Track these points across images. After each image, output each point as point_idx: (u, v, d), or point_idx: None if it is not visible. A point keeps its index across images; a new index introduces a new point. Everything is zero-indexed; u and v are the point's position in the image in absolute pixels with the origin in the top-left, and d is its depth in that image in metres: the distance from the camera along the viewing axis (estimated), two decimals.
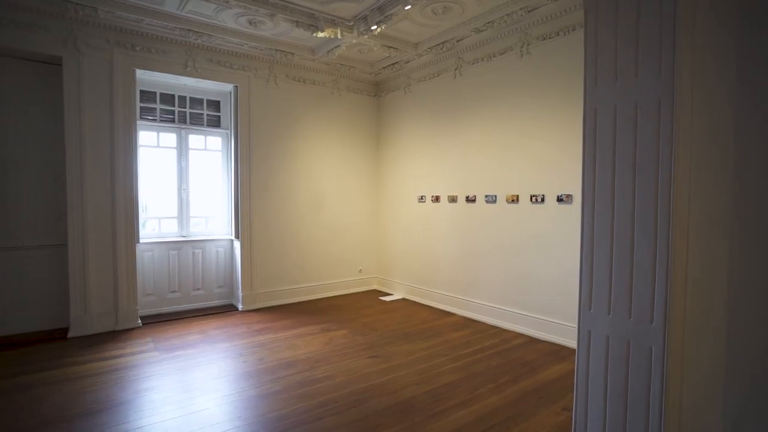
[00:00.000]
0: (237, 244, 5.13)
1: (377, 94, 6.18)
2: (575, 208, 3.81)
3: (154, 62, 4.42)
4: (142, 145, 4.72)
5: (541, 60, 4.05)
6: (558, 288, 3.95)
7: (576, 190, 3.80)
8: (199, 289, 5.09)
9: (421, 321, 4.69)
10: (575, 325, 3.64)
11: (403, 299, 5.68)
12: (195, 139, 5.10)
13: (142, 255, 4.68)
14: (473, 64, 4.72)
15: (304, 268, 5.59)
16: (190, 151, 5.07)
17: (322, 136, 5.68)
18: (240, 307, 5.07)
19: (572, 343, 3.81)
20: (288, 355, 3.63)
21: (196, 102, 5.06)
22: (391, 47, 4.81)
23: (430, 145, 5.32)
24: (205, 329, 4.32)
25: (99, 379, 3.12)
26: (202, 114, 5.12)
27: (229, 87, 5.03)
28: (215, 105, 5.20)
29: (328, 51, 4.94)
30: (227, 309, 5.07)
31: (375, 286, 6.31)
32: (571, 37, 3.79)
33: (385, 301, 5.61)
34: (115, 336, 4.08)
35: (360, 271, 6.14)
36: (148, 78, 4.63)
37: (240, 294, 5.08)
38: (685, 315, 1.46)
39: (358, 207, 6.09)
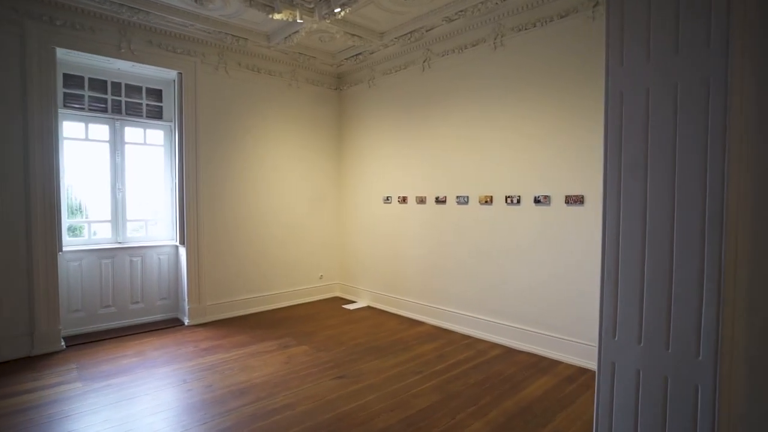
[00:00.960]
0: (182, 251, 4.56)
1: (339, 87, 5.77)
2: (553, 210, 3.60)
3: (79, 41, 3.78)
4: (66, 138, 4.05)
5: (517, 52, 3.82)
6: (536, 295, 3.73)
7: (553, 190, 3.59)
8: (137, 302, 4.46)
9: (389, 332, 4.34)
10: (554, 334, 3.42)
11: (368, 307, 5.31)
12: (132, 132, 4.47)
13: (67, 265, 4.01)
14: (443, 56, 4.43)
15: (260, 276, 5.08)
16: (127, 146, 4.43)
17: (279, 132, 5.20)
18: (186, 321, 4.50)
19: (552, 354, 3.60)
20: (241, 380, 3.16)
21: (133, 90, 4.43)
22: (355, 35, 4.43)
23: (397, 142, 4.99)
24: (143, 350, 3.74)
25: (1, 424, 2.52)
26: (141, 104, 4.50)
27: (172, 74, 4.45)
28: (156, 94, 4.59)
29: (286, 38, 4.48)
30: (171, 324, 4.48)
31: (337, 293, 5.90)
32: (549, 29, 3.58)
33: (349, 309, 5.21)
34: (30, 364, 3.43)
35: (321, 277, 5.71)
36: (75, 60, 3.98)
37: (186, 307, 4.51)
38: (739, 346, 1.20)
39: (318, 208, 5.65)
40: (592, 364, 3.36)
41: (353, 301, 5.56)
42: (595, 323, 3.34)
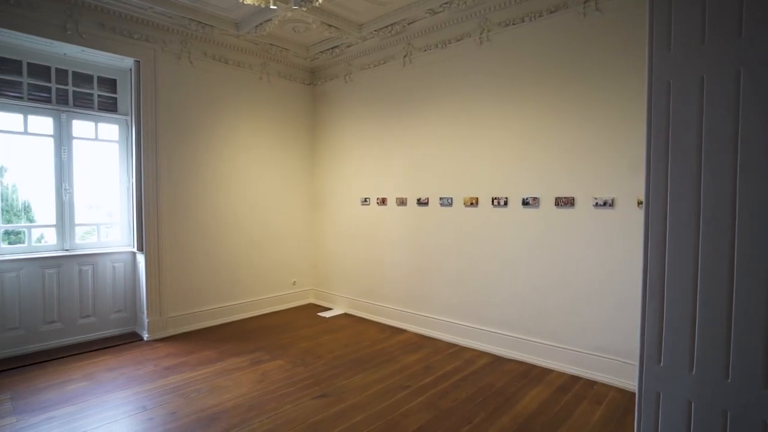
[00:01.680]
0: (141, 258, 4.13)
1: (313, 82, 5.46)
2: (542, 212, 3.47)
3: (14, 18, 3.31)
4: (0, 131, 3.56)
5: (504, 48, 3.66)
6: (525, 301, 3.58)
7: (543, 192, 3.46)
8: (88, 316, 4.00)
9: (369, 341, 4.09)
10: (544, 341, 3.26)
11: (345, 314, 5.04)
12: (82, 126, 4.01)
13: (1, 277, 3.52)
14: (425, 51, 4.23)
15: (228, 284, 4.71)
16: (75, 141, 3.97)
17: (249, 128, 4.84)
18: (146, 336, 4.07)
19: (541, 361, 3.47)
20: (210, 404, 2.82)
21: (82, 79, 3.97)
22: (332, 26, 4.15)
23: (375, 141, 4.75)
24: (94, 372, 3.32)
25: None
26: (92, 94, 4.04)
27: (128, 62, 4.02)
28: (110, 84, 4.14)
29: (257, 26, 4.15)
30: (128, 340, 4.05)
31: (311, 300, 5.59)
32: (538, 25, 3.44)
33: (324, 317, 4.92)
34: None
35: (294, 283, 5.38)
36: (10, 41, 3.49)
37: (145, 320, 4.08)
38: None
39: (291, 210, 5.32)
40: (583, 372, 3.25)
41: (329, 308, 5.27)
42: (587, 329, 3.26)
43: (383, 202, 4.69)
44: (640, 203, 2.98)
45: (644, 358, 1.22)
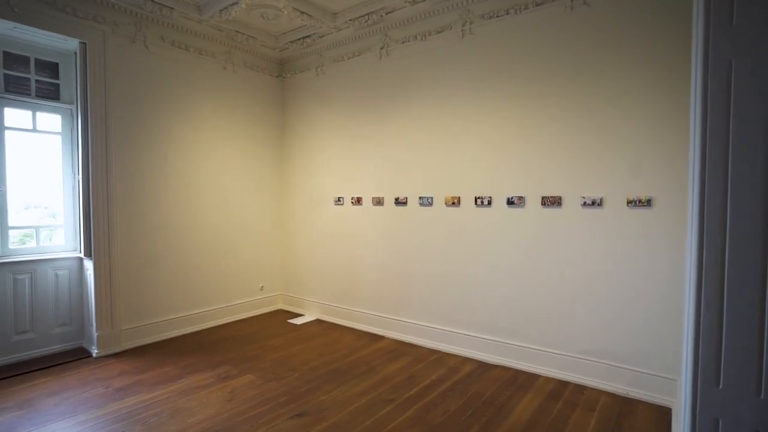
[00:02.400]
0: (89, 265, 3.68)
1: (281, 74, 5.14)
2: (528, 212, 3.35)
3: None
4: None
5: (487, 42, 3.52)
6: (510, 304, 3.46)
7: (528, 191, 3.34)
8: (25, 331, 3.51)
9: (346, 350, 3.85)
10: (530, 346, 3.13)
11: (317, 321, 4.76)
12: (16, 115, 3.52)
13: None
14: (403, 43, 4.03)
15: (190, 291, 4.31)
16: (8, 132, 3.47)
17: (212, 122, 4.46)
18: (95, 352, 3.63)
19: (527, 366, 3.35)
20: (174, 430, 2.49)
21: (16, 60, 3.48)
22: (304, 13, 3.87)
23: (349, 137, 4.50)
24: (32, 398, 2.88)
25: None
26: (29, 79, 3.55)
27: (72, 44, 3.56)
28: (51, 68, 3.66)
29: (221, 10, 3.81)
30: (75, 357, 3.59)
31: (280, 306, 5.26)
32: (524, 18, 3.32)
33: (295, 324, 4.62)
34: None
35: (262, 288, 5.04)
36: None
37: (95, 333, 3.64)
38: None
39: (258, 211, 4.98)
40: (571, 376, 3.15)
41: (300, 314, 4.97)
42: (575, 333, 3.16)
43: (358, 201, 4.45)
44: (630, 202, 2.91)
45: (698, 380, 1.06)
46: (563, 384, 3.12)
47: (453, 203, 3.76)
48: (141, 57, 3.86)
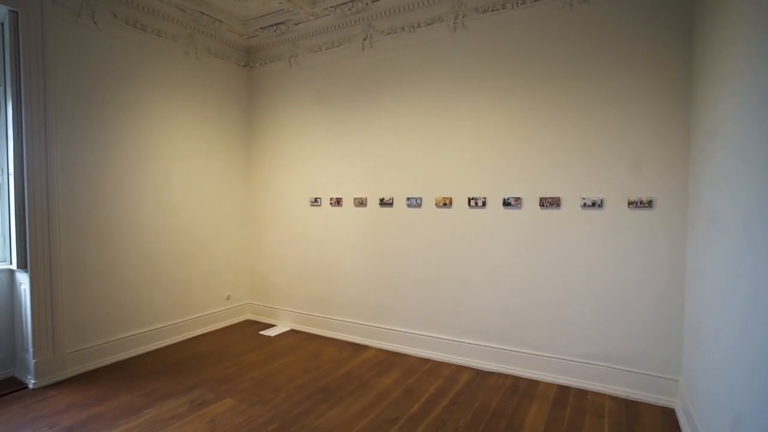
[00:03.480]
0: (24, 278, 3.09)
1: (249, 63, 4.71)
2: (525, 214, 3.25)
3: None
4: None
5: (482, 36, 3.39)
6: (505, 308, 3.34)
7: (526, 191, 3.24)
8: None
9: (331, 363, 3.55)
10: (527, 351, 3.02)
11: (292, 331, 4.41)
12: None
13: None
14: (389, 34, 3.80)
15: (148, 304, 3.80)
16: None
17: (172, 113, 3.96)
18: (32, 382, 3.06)
19: (524, 372, 3.25)
20: None
21: None
22: None
23: (328, 134, 4.20)
24: None
25: None
26: None
27: (1, 12, 2.97)
28: None
29: None
30: (6, 390, 3.00)
31: (249, 316, 4.83)
32: (521, 12, 3.21)
33: (269, 336, 4.24)
34: None
35: (228, 298, 4.59)
36: None
37: (31, 360, 3.07)
38: None
39: (224, 213, 4.53)
40: (571, 381, 3.09)
41: (271, 325, 4.58)
42: (573, 337, 3.07)
43: (338, 202, 4.16)
44: (631, 204, 2.89)
45: None
46: (565, 389, 3.04)
47: (444, 204, 3.59)
48: (89, 35, 3.32)
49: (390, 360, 3.62)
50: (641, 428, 2.54)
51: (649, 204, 2.84)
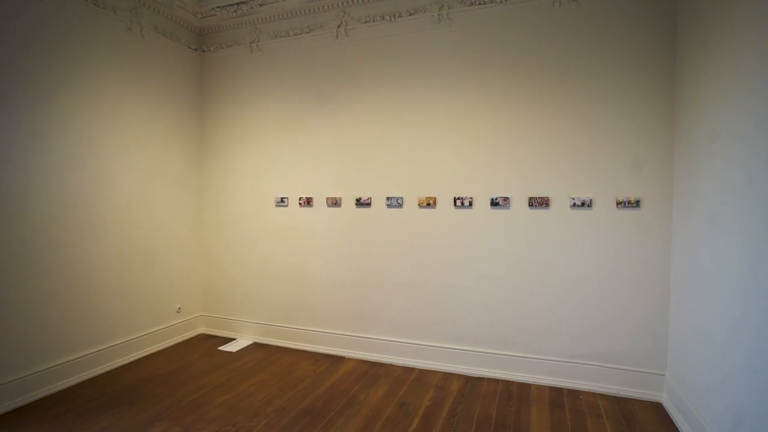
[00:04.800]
0: None
1: (202, 47, 4.20)
2: (513, 214, 3.19)
3: None
4: None
5: (468, 30, 3.26)
6: (492, 312, 3.26)
7: (514, 191, 3.18)
8: None
9: (309, 379, 3.24)
10: (516, 353, 3.03)
11: (255, 345, 4.00)
12: None
13: None
14: (366, 22, 3.56)
15: (85, 322, 3.21)
16: None
17: (111, 97, 3.39)
18: None
19: (515, 376, 3.19)
20: None
21: None
22: None
23: (296, 128, 3.85)
24: None
25: None
26: None
27: None
28: None
29: None
30: None
31: (201, 330, 4.32)
32: (508, 8, 3.14)
33: (230, 352, 3.80)
34: None
35: (179, 310, 4.06)
36: None
37: None
38: None
39: (174, 214, 3.99)
40: (561, 382, 3.07)
41: (230, 339, 4.13)
42: (563, 337, 3.07)
43: (308, 202, 3.83)
44: (619, 203, 2.93)
45: None
46: (557, 391, 3.02)
47: (428, 204, 3.43)
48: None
49: (373, 371, 3.39)
50: (640, 425, 2.56)
51: (637, 204, 2.89)
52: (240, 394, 2.98)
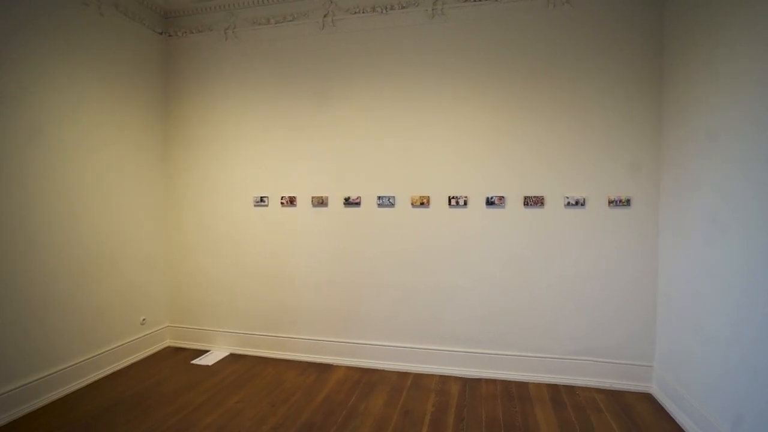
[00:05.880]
0: None
1: (168, 31, 3.81)
2: (508, 213, 3.18)
3: None
4: None
5: (462, 26, 3.21)
6: (488, 312, 3.23)
7: (509, 190, 3.17)
8: None
9: (300, 391, 3.03)
10: (512, 353, 3.17)
11: (233, 356, 3.70)
12: None
13: None
14: (355, 13, 3.40)
15: (33, 342, 2.77)
16: None
17: (67, 83, 2.96)
18: None
19: (511, 375, 3.19)
20: None
21: None
22: None
23: (278, 123, 3.60)
24: None
25: None
26: None
27: None
28: None
29: None
30: None
31: (168, 342, 3.93)
32: (505, 6, 3.12)
33: (206, 365, 3.48)
34: None
35: (143, 322, 3.66)
36: None
37: None
38: None
39: (136, 216, 3.58)
40: (557, 378, 3.11)
41: (203, 351, 3.78)
42: (559, 335, 3.11)
43: (291, 202, 3.60)
44: (611, 202, 3.01)
45: None
46: (553, 388, 3.05)
47: (421, 204, 3.34)
48: None
49: (366, 378, 3.24)
50: (640, 417, 2.64)
51: (627, 203, 2.99)
52: (227, 413, 2.71)
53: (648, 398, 2.89)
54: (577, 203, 3.06)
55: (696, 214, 2.48)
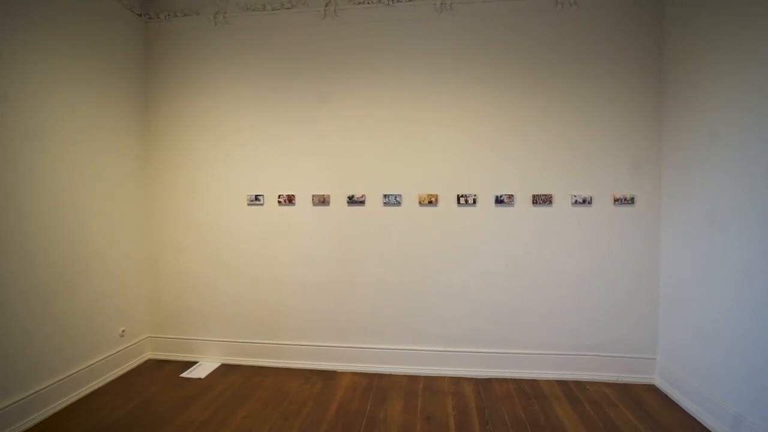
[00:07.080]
0: None
1: (149, 12, 3.47)
2: (517, 212, 3.18)
3: None
4: None
5: (470, 22, 3.17)
6: (499, 310, 3.22)
7: (518, 188, 3.17)
8: None
9: (311, 402, 2.85)
10: (521, 351, 3.26)
11: (225, 367, 3.43)
12: None
13: None
14: (358, 3, 3.26)
15: (5, 361, 2.40)
16: None
17: (38, 69, 2.59)
18: None
19: (521, 373, 3.19)
20: None
21: None
22: None
23: (275, 118, 3.39)
24: None
25: None
26: None
27: None
28: None
29: None
30: None
31: (149, 355, 3.58)
32: (513, 4, 3.11)
33: (197, 379, 3.20)
34: None
35: (122, 333, 3.30)
36: None
37: None
38: None
39: (113, 218, 3.22)
40: (566, 374, 3.15)
41: (191, 363, 3.48)
42: (567, 331, 3.19)
43: (289, 200, 3.40)
44: (616, 200, 3.09)
45: None
46: (564, 384, 3.08)
47: (429, 202, 3.26)
48: None
49: (376, 384, 3.11)
50: (652, 409, 2.72)
51: (632, 201, 3.08)
52: (238, 431, 2.49)
53: (653, 389, 2.99)
54: (584, 201, 3.12)
55: (696, 213, 2.59)
